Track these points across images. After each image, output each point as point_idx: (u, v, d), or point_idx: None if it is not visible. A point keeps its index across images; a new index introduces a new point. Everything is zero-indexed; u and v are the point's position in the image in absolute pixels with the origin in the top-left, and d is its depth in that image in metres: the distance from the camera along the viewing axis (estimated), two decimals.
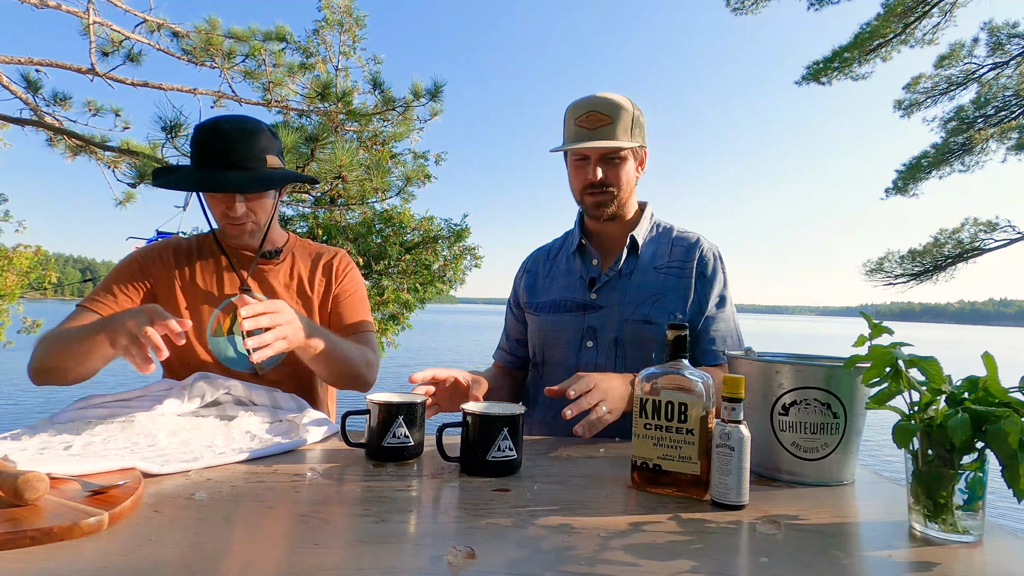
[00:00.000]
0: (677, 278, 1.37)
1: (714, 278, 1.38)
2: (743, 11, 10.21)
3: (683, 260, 1.39)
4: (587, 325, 1.38)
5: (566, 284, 1.45)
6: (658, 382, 0.87)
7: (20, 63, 4.55)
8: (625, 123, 1.32)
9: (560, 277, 1.47)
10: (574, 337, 1.39)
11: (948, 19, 9.78)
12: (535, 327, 1.48)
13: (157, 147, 4.47)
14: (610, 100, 1.32)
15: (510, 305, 1.60)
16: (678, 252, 1.41)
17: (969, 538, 0.69)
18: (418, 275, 8.98)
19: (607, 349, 1.35)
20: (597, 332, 1.36)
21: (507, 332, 1.60)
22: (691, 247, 1.41)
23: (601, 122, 1.31)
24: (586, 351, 1.36)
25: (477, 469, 0.92)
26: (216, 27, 5.03)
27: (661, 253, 1.42)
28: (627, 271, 1.39)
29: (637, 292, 1.36)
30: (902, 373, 0.75)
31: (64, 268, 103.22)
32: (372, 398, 0.99)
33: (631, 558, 0.62)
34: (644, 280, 1.37)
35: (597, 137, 1.31)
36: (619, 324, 1.34)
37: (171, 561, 0.57)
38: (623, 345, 1.34)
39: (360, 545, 0.63)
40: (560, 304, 1.43)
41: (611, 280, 1.39)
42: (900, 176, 11.33)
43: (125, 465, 0.80)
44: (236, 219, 1.33)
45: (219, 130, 1.30)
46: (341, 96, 5.43)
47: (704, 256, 1.39)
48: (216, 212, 1.35)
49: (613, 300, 1.37)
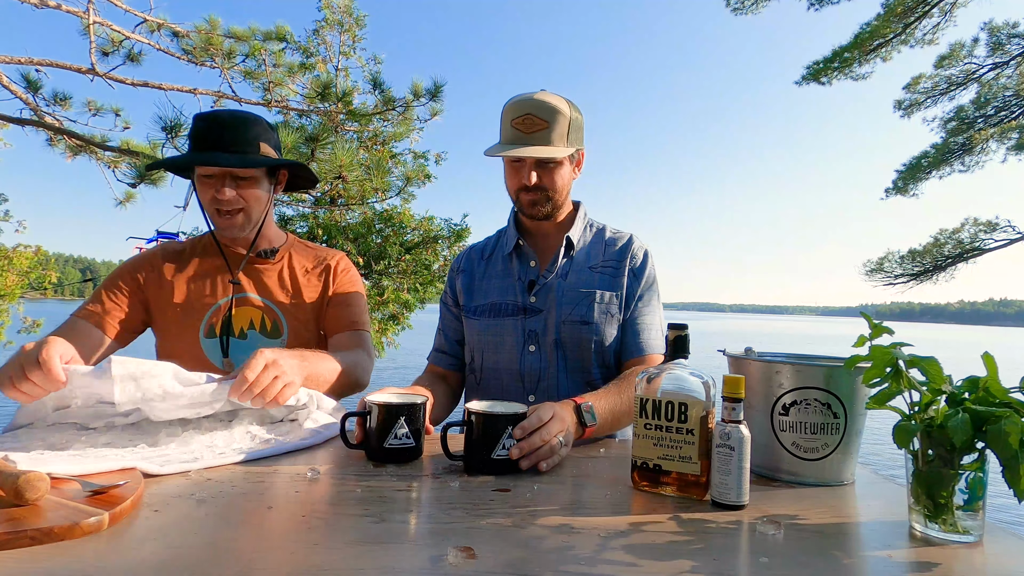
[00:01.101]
0: (612, 277, 1.39)
1: (642, 273, 1.40)
2: (743, 11, 10.22)
3: (617, 259, 1.41)
4: (528, 329, 1.36)
5: (503, 286, 1.42)
6: (658, 382, 0.87)
7: (20, 63, 4.55)
8: (561, 128, 1.31)
9: (496, 279, 1.45)
10: (516, 341, 1.37)
11: (948, 19, 9.78)
12: (473, 331, 1.44)
13: (157, 147, 4.46)
14: (547, 104, 1.30)
15: (446, 304, 1.55)
16: (612, 251, 1.43)
17: (969, 538, 0.69)
18: (418, 275, 8.98)
19: (549, 352, 1.35)
20: (538, 335, 1.36)
21: (445, 332, 1.53)
22: (624, 246, 1.44)
23: (537, 127, 1.29)
24: (529, 355, 1.35)
25: (481, 468, 0.92)
26: (216, 27, 5.02)
27: (595, 253, 1.43)
28: (563, 272, 1.40)
29: (573, 293, 1.36)
30: (902, 373, 0.75)
31: (64, 268, 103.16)
32: (372, 399, 0.98)
33: (631, 558, 0.62)
34: (579, 280, 1.38)
35: (532, 142, 1.30)
36: (557, 326, 1.34)
37: (171, 561, 0.57)
38: (563, 347, 1.34)
39: (360, 545, 0.63)
40: (498, 308, 1.41)
41: (549, 282, 1.39)
42: (900, 176, 11.33)
43: (125, 465, 0.80)
44: (225, 204, 1.32)
45: (216, 116, 1.33)
46: (341, 96, 5.43)
47: (635, 254, 1.42)
48: (206, 199, 1.34)
49: (551, 302, 1.37)
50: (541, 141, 1.30)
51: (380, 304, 8.23)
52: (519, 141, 1.31)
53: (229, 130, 1.32)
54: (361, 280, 1.58)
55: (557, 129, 1.31)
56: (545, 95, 1.32)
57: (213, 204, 1.33)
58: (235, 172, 1.33)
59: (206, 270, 1.42)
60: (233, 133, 1.32)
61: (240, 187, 1.34)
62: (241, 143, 1.33)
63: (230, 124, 1.32)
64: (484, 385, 1.41)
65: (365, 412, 0.98)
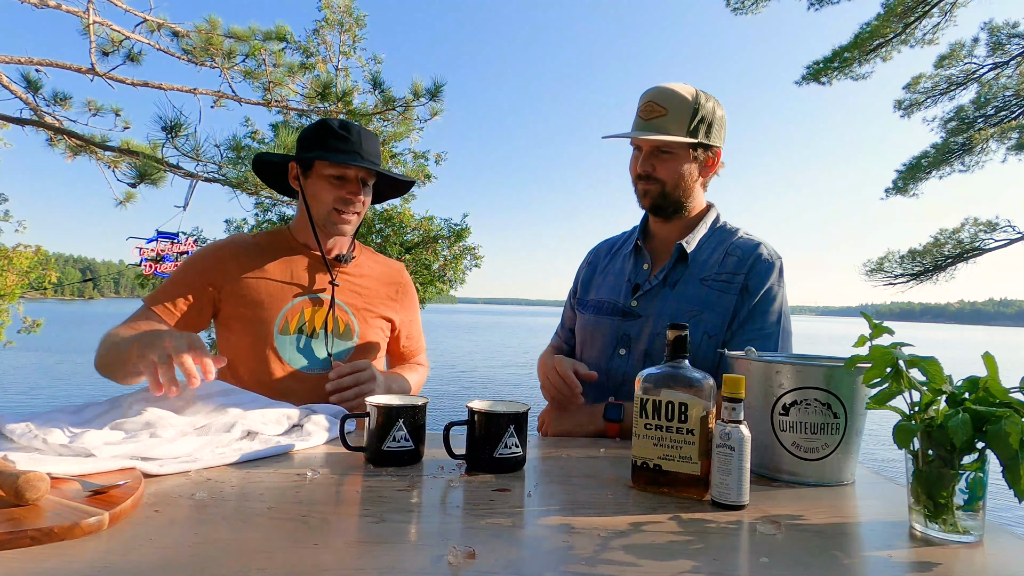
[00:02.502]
0: (720, 292, 1.26)
1: (757, 289, 1.25)
2: (743, 11, 10.21)
3: (732, 272, 1.27)
4: (623, 332, 1.33)
5: (614, 285, 1.41)
6: (658, 382, 0.87)
7: (20, 63, 4.55)
8: (681, 117, 1.25)
9: (612, 276, 1.44)
10: (609, 342, 1.35)
11: (948, 19, 9.78)
12: (579, 325, 1.47)
13: (157, 147, 4.47)
14: (670, 91, 1.26)
15: (569, 295, 1.59)
16: (731, 262, 1.29)
17: (969, 538, 0.69)
18: (418, 275, 8.99)
19: (637, 360, 1.30)
20: (631, 341, 1.31)
21: (563, 322, 1.58)
22: (744, 257, 1.28)
23: (655, 113, 1.26)
24: (618, 358, 1.33)
25: (483, 466, 0.92)
26: (216, 27, 5.03)
27: (712, 263, 1.31)
28: (673, 280, 1.31)
29: (677, 304, 1.28)
30: (902, 373, 0.75)
31: (64, 268, 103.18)
32: (371, 400, 0.98)
33: (631, 558, 0.62)
34: (686, 292, 1.29)
35: (649, 129, 1.26)
36: (651, 336, 1.29)
37: (171, 561, 0.57)
38: (652, 358, 1.28)
39: (360, 545, 0.63)
40: (602, 306, 1.40)
41: (654, 288, 1.33)
42: (900, 176, 11.33)
43: (125, 465, 0.80)
44: (355, 206, 1.42)
45: (355, 124, 1.43)
46: (341, 96, 5.44)
47: (756, 268, 1.27)
48: (328, 198, 1.40)
49: (652, 310, 1.30)
50: (656, 128, 1.26)
51: None
52: (637, 128, 1.28)
53: (367, 140, 1.43)
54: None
55: (675, 117, 1.25)
56: (675, 84, 1.28)
57: (339, 203, 1.41)
58: (367, 178, 1.44)
59: (287, 267, 1.45)
60: (371, 143, 1.43)
61: (364, 192, 1.44)
62: (376, 154, 1.45)
63: (366, 134, 1.44)
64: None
65: (364, 414, 0.98)
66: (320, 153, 1.38)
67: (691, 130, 1.27)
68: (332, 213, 1.41)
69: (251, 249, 1.45)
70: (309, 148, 1.41)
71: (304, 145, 1.43)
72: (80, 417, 1.00)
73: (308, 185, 1.43)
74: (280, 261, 1.45)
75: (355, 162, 1.37)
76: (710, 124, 1.29)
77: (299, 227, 1.49)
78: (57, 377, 14.51)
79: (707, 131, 1.29)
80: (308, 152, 1.41)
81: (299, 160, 1.43)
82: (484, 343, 34.03)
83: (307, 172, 1.43)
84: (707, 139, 1.29)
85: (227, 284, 1.40)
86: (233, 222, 10.45)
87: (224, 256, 1.43)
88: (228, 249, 1.45)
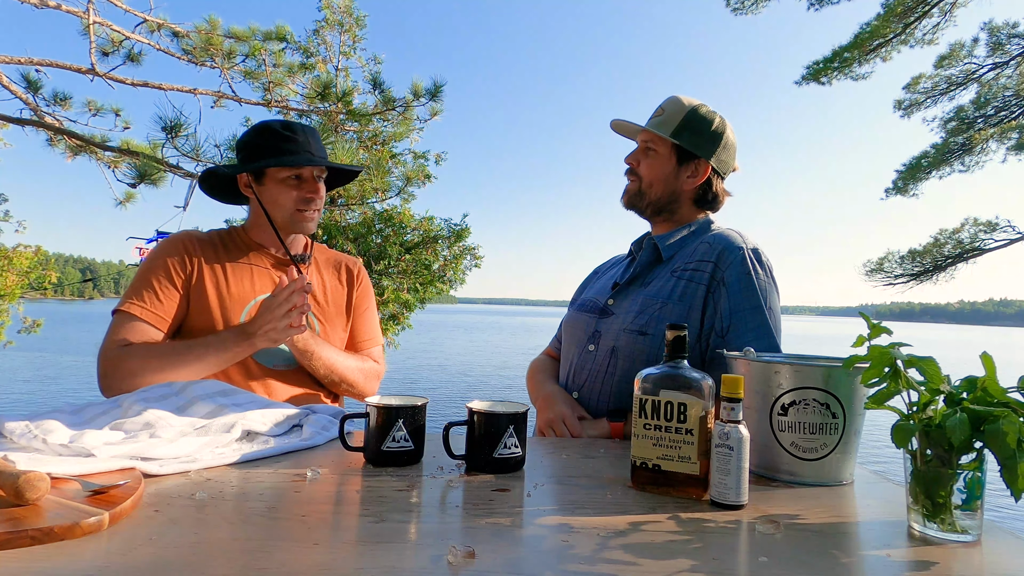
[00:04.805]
0: (688, 281, 1.25)
1: (736, 281, 1.22)
2: (743, 11, 10.20)
3: (700, 260, 1.26)
4: (594, 329, 1.35)
5: (602, 287, 1.45)
6: (657, 382, 0.87)
7: (20, 63, 4.55)
8: (671, 119, 1.31)
9: (605, 278, 1.48)
10: (582, 338, 1.38)
11: (948, 19, 9.77)
12: (563, 323, 1.51)
13: (157, 147, 4.46)
14: (676, 99, 1.34)
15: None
16: (700, 251, 1.28)
17: (968, 538, 0.69)
18: (418, 275, 8.99)
19: (604, 356, 1.30)
20: (600, 337, 1.33)
21: (560, 326, 1.60)
22: (713, 244, 1.27)
23: (655, 114, 1.35)
24: (587, 354, 1.35)
25: (483, 466, 0.92)
26: (216, 27, 5.03)
27: (685, 254, 1.30)
28: (649, 280, 1.32)
29: (644, 300, 1.28)
30: (901, 373, 0.75)
31: (64, 268, 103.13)
32: (371, 401, 0.98)
33: (631, 558, 0.62)
34: (655, 286, 1.29)
35: (648, 127, 1.33)
36: (617, 332, 1.29)
37: (171, 561, 0.57)
38: (617, 355, 1.28)
39: (360, 545, 0.63)
40: (585, 304, 1.43)
41: (631, 287, 1.35)
42: (900, 176, 11.32)
43: (125, 465, 0.80)
44: (317, 203, 1.43)
45: (297, 123, 1.44)
46: (341, 96, 5.44)
47: (724, 256, 1.24)
48: (290, 198, 1.41)
49: (623, 307, 1.32)
50: (651, 126, 1.33)
51: (380, 304, 8.24)
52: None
53: (312, 136, 1.44)
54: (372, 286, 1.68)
55: (668, 119, 1.32)
56: (690, 97, 1.35)
57: (300, 203, 1.42)
58: (320, 173, 1.45)
59: (246, 265, 1.45)
60: (315, 138, 1.44)
61: (320, 187, 1.45)
62: (321, 147, 1.47)
63: (309, 130, 1.44)
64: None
65: (364, 414, 0.98)
66: (274, 160, 1.38)
67: (673, 132, 1.31)
68: (295, 214, 1.42)
69: (209, 246, 1.44)
70: (259, 155, 1.40)
71: (251, 152, 1.42)
72: (80, 417, 1.00)
73: (264, 191, 1.41)
74: (240, 260, 1.45)
75: (309, 162, 1.39)
76: (697, 133, 1.31)
77: (255, 228, 1.48)
78: (57, 377, 14.51)
79: (690, 137, 1.31)
80: (258, 160, 1.40)
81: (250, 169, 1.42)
82: (484, 343, 34.03)
83: (260, 179, 1.42)
84: (688, 145, 1.31)
85: (195, 276, 1.39)
86: (232, 222, 10.45)
87: (190, 249, 1.41)
88: (190, 243, 1.42)
